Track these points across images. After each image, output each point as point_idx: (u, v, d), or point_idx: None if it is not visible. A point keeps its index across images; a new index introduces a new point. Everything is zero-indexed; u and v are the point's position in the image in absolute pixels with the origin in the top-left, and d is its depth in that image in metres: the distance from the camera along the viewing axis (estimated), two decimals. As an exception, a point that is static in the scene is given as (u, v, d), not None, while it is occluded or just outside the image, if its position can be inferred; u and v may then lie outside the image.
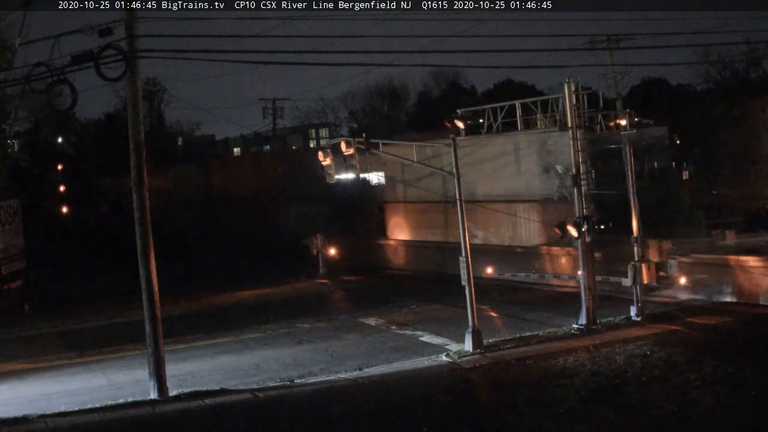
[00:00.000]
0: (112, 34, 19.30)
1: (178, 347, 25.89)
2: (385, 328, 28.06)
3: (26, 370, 24.71)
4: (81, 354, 26.67)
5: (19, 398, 21.29)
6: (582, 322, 25.15)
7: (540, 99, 27.33)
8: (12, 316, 33.62)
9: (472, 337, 23.37)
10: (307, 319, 30.12)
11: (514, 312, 29.09)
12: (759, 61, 63.38)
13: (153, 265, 20.65)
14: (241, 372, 22.96)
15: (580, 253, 25.55)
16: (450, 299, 30.44)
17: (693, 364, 20.27)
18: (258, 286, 39.04)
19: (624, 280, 26.24)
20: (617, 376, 19.93)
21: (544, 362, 21.76)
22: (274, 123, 73.84)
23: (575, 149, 25.56)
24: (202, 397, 20.21)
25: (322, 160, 27.24)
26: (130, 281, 25.59)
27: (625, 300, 27.01)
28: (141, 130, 20.71)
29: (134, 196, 20.65)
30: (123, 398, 20.22)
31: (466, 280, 23.81)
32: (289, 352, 25.32)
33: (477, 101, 61.73)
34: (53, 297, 38.20)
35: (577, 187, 25.50)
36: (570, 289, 30.25)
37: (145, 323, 20.68)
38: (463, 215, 24.03)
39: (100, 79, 19.43)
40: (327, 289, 38.09)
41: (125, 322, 30.81)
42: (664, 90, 67.04)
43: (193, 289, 37.80)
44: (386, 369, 22.30)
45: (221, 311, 33.56)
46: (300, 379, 21.74)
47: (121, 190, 56.18)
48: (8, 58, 29.90)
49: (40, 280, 41.24)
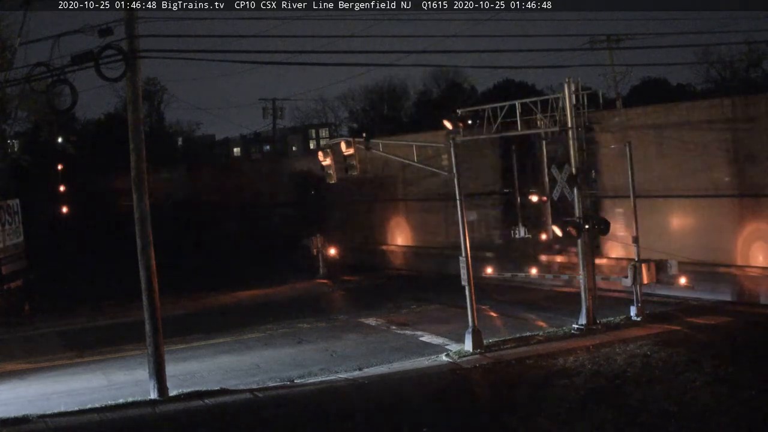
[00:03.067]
0: (112, 34, 19.32)
1: (178, 347, 25.89)
2: (385, 328, 28.07)
3: (26, 370, 24.71)
4: (81, 354, 26.67)
5: (19, 398, 21.29)
6: (582, 322, 25.15)
7: (540, 99, 27.24)
8: (12, 316, 33.61)
9: (472, 337, 23.37)
10: (307, 319, 30.12)
11: (514, 312, 29.10)
12: (759, 61, 63.48)
13: (153, 265, 20.66)
14: (241, 372, 22.96)
15: (580, 253, 25.57)
16: (450, 299, 30.46)
17: (693, 364, 20.27)
18: (258, 286, 39.02)
19: (624, 280, 26.27)
20: (617, 376, 19.94)
21: (544, 362, 21.76)
22: (274, 123, 73.94)
23: (575, 149, 25.59)
24: (202, 397, 20.22)
25: (322, 160, 27.30)
26: (130, 281, 25.58)
27: (625, 300, 27.02)
28: (141, 130, 20.71)
29: (134, 196, 20.66)
30: (123, 398, 20.23)
31: (466, 280, 23.83)
32: (289, 352, 25.33)
33: (477, 101, 61.85)
34: (53, 297, 38.18)
35: (577, 187, 25.52)
36: (570, 289, 30.26)
37: (145, 323, 20.69)
38: (463, 215, 24.04)
39: (100, 79, 19.49)
40: (327, 289, 38.09)
41: (125, 322, 30.77)
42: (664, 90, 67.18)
43: (193, 289, 37.76)
44: (386, 369, 22.30)
45: (221, 311, 33.56)
46: (300, 379, 21.74)
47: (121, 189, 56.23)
48: (8, 58, 29.91)
49: (40, 280, 41.21)
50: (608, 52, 44.60)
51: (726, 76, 64.83)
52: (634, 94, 66.90)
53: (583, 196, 25.80)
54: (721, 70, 64.69)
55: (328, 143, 34.43)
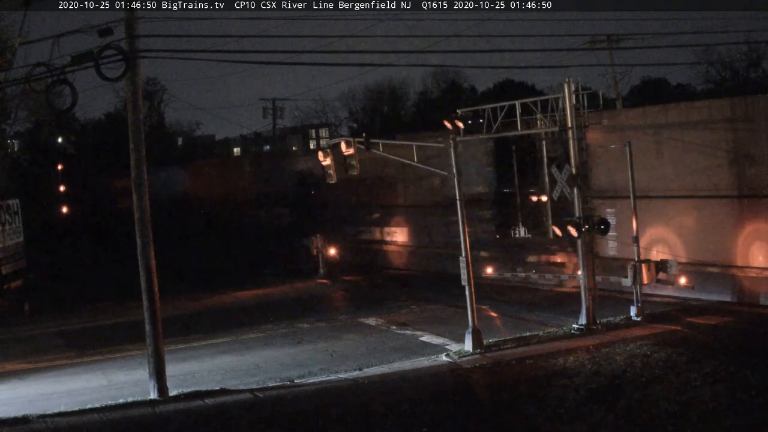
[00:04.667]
0: (112, 34, 19.32)
1: (178, 347, 25.88)
2: (385, 328, 28.07)
3: (26, 370, 24.70)
4: (81, 354, 26.66)
5: (19, 398, 21.28)
6: (582, 322, 25.15)
7: (540, 99, 27.24)
8: (12, 316, 33.61)
9: (472, 337, 23.38)
10: (307, 319, 30.12)
11: (514, 312, 29.10)
12: (759, 61, 63.48)
13: (153, 265, 20.66)
14: (241, 372, 22.96)
15: (580, 253, 25.57)
16: (450, 299, 30.45)
17: (693, 364, 20.27)
18: (258, 286, 39.02)
19: (624, 280, 26.27)
20: (617, 376, 19.94)
21: (544, 362, 21.76)
22: (274, 123, 73.96)
23: (575, 149, 25.59)
24: (202, 397, 20.22)
25: (322, 160, 27.30)
26: (130, 281, 25.59)
27: (625, 300, 27.02)
28: (141, 130, 20.71)
29: (134, 196, 20.66)
30: (123, 398, 20.22)
31: (466, 280, 23.84)
32: (289, 352, 25.33)
33: (477, 101, 61.82)
34: (53, 297, 38.18)
35: (577, 187, 25.52)
36: (569, 289, 30.27)
37: (145, 323, 20.69)
38: (464, 215, 24.03)
39: (100, 79, 19.48)
40: (327, 289, 38.08)
41: (125, 322, 30.78)
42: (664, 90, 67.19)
43: (192, 289, 37.77)
44: (386, 369, 22.30)
45: (221, 311, 33.55)
46: (300, 379, 21.74)
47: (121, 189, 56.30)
48: (8, 58, 29.91)
49: (40, 280, 41.22)
50: (608, 52, 44.57)
51: (726, 76, 64.82)
52: (634, 94, 66.96)
53: (584, 196, 25.80)
54: (721, 70, 64.69)
55: (328, 143, 34.41)
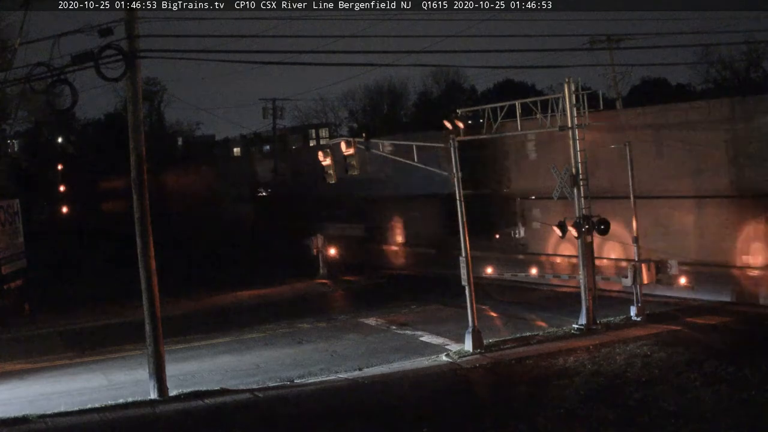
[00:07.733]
0: (112, 34, 19.32)
1: (178, 347, 25.89)
2: (385, 328, 28.07)
3: (26, 370, 24.71)
4: (81, 354, 26.66)
5: (19, 398, 21.28)
6: (582, 322, 25.16)
7: (540, 99, 27.23)
8: (12, 316, 33.60)
9: (472, 337, 23.38)
10: (307, 319, 30.12)
11: (514, 312, 29.10)
12: (759, 61, 63.45)
13: (153, 265, 20.65)
14: (241, 372, 22.97)
15: (580, 253, 25.57)
16: (450, 299, 30.45)
17: (693, 364, 20.27)
18: (258, 286, 39.01)
19: (624, 280, 26.27)
20: (617, 376, 19.94)
21: (544, 362, 21.76)
22: (274, 123, 73.86)
23: (575, 149, 25.59)
24: (202, 397, 20.22)
25: (322, 160, 27.29)
26: (130, 281, 25.59)
27: (625, 300, 27.03)
28: (141, 131, 20.71)
29: (134, 196, 20.65)
30: (123, 398, 20.22)
31: (466, 280, 23.83)
32: (289, 352, 25.33)
33: (477, 101, 61.82)
34: (53, 297, 38.17)
35: (577, 187, 25.52)
36: (569, 289, 30.27)
37: (145, 323, 20.69)
38: (463, 215, 24.03)
39: (100, 79, 19.48)
40: (327, 289, 38.08)
41: (125, 322, 30.79)
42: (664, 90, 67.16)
43: (192, 289, 37.76)
44: (386, 369, 22.30)
45: (221, 311, 33.55)
46: (300, 379, 21.74)
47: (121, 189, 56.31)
48: (8, 58, 29.90)
49: (40, 280, 41.19)
50: (608, 52, 44.56)
51: (726, 76, 64.81)
52: (634, 94, 66.89)
53: (584, 196, 25.79)
54: (721, 70, 64.67)
55: (328, 143, 34.42)
